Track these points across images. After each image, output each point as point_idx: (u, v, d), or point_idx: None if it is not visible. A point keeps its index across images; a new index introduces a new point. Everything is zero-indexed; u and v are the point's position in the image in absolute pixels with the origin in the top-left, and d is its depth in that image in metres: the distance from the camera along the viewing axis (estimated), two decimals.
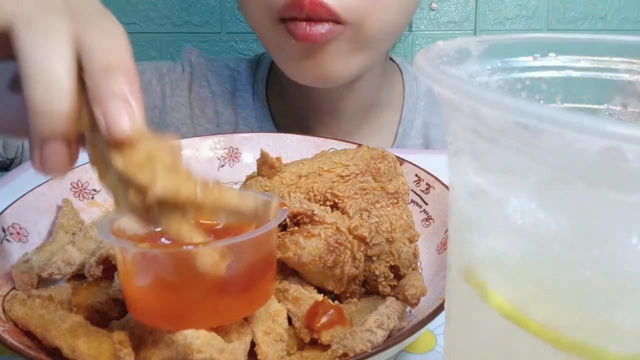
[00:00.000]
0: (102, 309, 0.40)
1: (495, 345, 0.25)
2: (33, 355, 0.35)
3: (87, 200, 0.55)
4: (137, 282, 0.34)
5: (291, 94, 0.85)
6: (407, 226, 0.46)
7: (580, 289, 0.21)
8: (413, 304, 0.41)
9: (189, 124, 0.88)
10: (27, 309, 0.39)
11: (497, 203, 0.22)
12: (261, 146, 0.62)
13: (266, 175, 0.50)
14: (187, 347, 0.34)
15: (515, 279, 0.23)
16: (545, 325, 0.21)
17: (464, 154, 0.24)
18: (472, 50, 0.26)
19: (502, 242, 0.23)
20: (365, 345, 0.35)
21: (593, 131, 0.16)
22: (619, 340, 0.20)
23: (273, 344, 0.38)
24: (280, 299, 0.41)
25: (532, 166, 0.20)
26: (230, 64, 0.91)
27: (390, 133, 0.89)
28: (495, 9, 1.44)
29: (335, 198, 0.48)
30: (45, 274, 0.44)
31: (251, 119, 0.87)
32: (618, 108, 0.29)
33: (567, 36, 0.28)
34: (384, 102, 0.87)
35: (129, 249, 0.34)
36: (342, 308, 0.41)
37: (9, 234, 0.47)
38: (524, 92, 0.28)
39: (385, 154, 0.52)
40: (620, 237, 0.19)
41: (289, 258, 0.41)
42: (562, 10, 1.45)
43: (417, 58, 0.23)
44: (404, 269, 0.45)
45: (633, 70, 0.28)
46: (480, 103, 0.19)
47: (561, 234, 0.20)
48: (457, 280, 0.26)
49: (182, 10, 1.40)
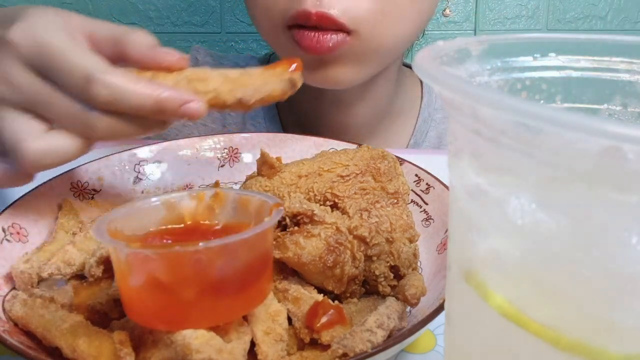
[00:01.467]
0: (103, 310, 0.40)
1: (495, 346, 0.25)
2: (33, 355, 0.35)
3: (87, 200, 0.55)
4: (132, 282, 0.34)
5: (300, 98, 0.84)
6: (407, 226, 0.46)
7: (580, 289, 0.21)
8: (413, 304, 0.41)
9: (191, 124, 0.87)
10: (27, 309, 0.39)
11: (497, 203, 0.22)
12: (261, 146, 0.62)
13: (266, 175, 0.50)
14: (185, 347, 0.34)
15: (515, 279, 0.23)
16: (545, 325, 0.21)
17: (464, 154, 0.24)
18: (472, 50, 0.26)
19: (502, 242, 0.23)
20: (365, 345, 0.35)
21: (593, 131, 0.16)
22: (619, 340, 0.20)
23: (273, 344, 0.38)
24: (280, 299, 0.41)
25: (532, 166, 0.20)
26: (240, 62, 0.90)
27: (402, 144, 0.87)
28: (495, 9, 1.44)
29: (335, 198, 0.48)
30: (45, 274, 0.44)
31: (259, 119, 0.86)
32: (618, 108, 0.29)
33: (567, 36, 0.28)
34: (397, 111, 0.86)
35: (122, 249, 0.34)
36: (342, 308, 0.41)
37: (9, 234, 0.47)
38: (524, 92, 0.28)
39: (385, 154, 0.52)
40: (620, 237, 0.19)
41: (289, 258, 0.41)
42: (562, 10, 1.45)
43: (417, 58, 0.23)
44: (404, 269, 0.45)
45: (633, 70, 0.28)
46: (480, 103, 0.19)
47: (561, 234, 0.20)
48: (457, 280, 0.26)
49: (182, 10, 1.40)
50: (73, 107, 0.40)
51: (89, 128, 0.40)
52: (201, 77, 0.43)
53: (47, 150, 0.40)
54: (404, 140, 0.88)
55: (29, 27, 0.40)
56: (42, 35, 0.40)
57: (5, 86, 0.40)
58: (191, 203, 0.41)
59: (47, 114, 0.41)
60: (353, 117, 0.82)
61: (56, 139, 0.41)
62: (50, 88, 0.40)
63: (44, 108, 0.40)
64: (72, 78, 0.39)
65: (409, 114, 0.88)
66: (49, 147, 0.40)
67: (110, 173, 0.57)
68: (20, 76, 0.40)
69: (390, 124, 0.86)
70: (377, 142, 0.84)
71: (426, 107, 0.88)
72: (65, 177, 0.54)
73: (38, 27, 0.40)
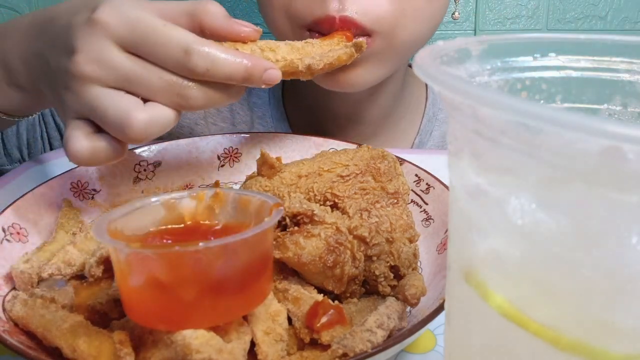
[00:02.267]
0: (103, 310, 0.40)
1: (495, 345, 0.25)
2: (33, 355, 0.35)
3: (87, 200, 0.55)
4: (132, 282, 0.34)
5: (308, 97, 0.83)
6: (407, 226, 0.46)
7: (580, 289, 0.21)
8: (413, 304, 0.41)
9: (202, 124, 0.87)
10: (27, 309, 0.39)
11: (497, 203, 0.22)
12: (261, 146, 0.62)
13: (266, 175, 0.50)
14: (185, 347, 0.34)
15: (515, 279, 0.23)
16: (545, 325, 0.21)
17: (464, 154, 0.24)
18: (472, 50, 0.26)
19: (502, 242, 0.23)
20: (365, 345, 0.35)
21: (593, 131, 0.16)
22: (619, 340, 0.20)
23: (273, 344, 0.38)
24: (280, 299, 0.41)
25: (532, 166, 0.20)
26: None
27: (407, 142, 0.88)
28: (495, 9, 1.44)
29: (335, 198, 0.48)
30: (45, 274, 0.44)
31: (267, 118, 0.86)
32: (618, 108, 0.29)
33: (567, 36, 0.28)
34: (402, 110, 0.86)
35: (122, 249, 0.34)
36: (342, 308, 0.40)
37: (9, 234, 0.47)
38: (524, 92, 0.28)
39: (385, 154, 0.52)
40: (620, 237, 0.19)
41: (289, 258, 0.41)
42: (562, 10, 1.45)
43: (417, 58, 0.23)
44: (404, 269, 0.45)
45: (633, 70, 0.28)
46: (480, 103, 0.19)
47: (561, 234, 0.20)
48: (457, 280, 0.26)
49: None
50: (168, 79, 0.42)
51: (183, 99, 0.43)
52: (272, 47, 0.47)
53: (152, 119, 0.42)
54: (409, 139, 0.88)
55: (116, 7, 0.42)
56: (133, 13, 0.42)
57: (98, 66, 0.42)
58: (191, 203, 0.41)
59: (140, 89, 0.42)
60: (361, 117, 0.82)
61: (156, 109, 0.43)
62: (143, 64, 0.42)
63: (138, 83, 0.42)
64: (170, 51, 0.41)
65: (414, 113, 0.88)
66: (153, 117, 0.42)
67: (110, 173, 0.57)
68: (115, 55, 0.42)
69: (396, 123, 0.86)
70: (383, 141, 0.85)
71: (431, 107, 0.88)
72: (65, 177, 0.54)
73: (126, 6, 0.42)
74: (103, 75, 0.42)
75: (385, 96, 0.81)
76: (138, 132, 0.41)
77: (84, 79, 0.42)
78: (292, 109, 0.87)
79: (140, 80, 0.42)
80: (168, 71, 0.42)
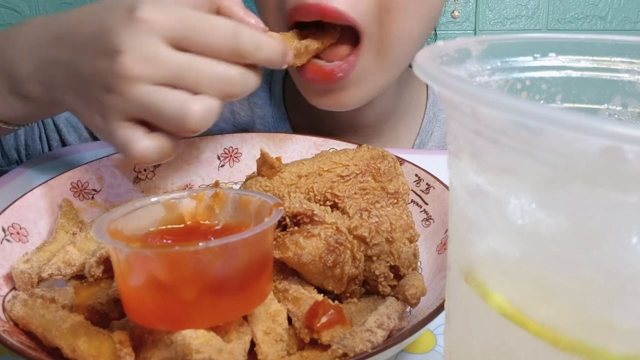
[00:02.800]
0: (103, 310, 0.40)
1: (495, 346, 0.25)
2: (33, 355, 0.35)
3: (87, 200, 0.55)
4: (131, 282, 0.34)
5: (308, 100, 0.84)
6: (407, 226, 0.46)
7: (580, 289, 0.21)
8: (413, 304, 0.41)
9: None
10: (28, 309, 0.39)
11: (497, 203, 0.22)
12: (261, 146, 0.62)
13: (266, 175, 0.50)
14: (185, 347, 0.34)
15: (515, 279, 0.23)
16: (545, 325, 0.21)
17: (464, 154, 0.24)
18: (472, 50, 0.26)
19: (502, 242, 0.23)
20: (365, 345, 0.35)
21: (593, 131, 0.16)
22: (619, 340, 0.20)
23: (273, 344, 0.38)
24: (280, 299, 0.41)
25: (532, 166, 0.20)
26: None
27: (408, 143, 0.88)
28: (495, 9, 1.44)
29: (335, 198, 0.48)
30: (45, 274, 0.44)
31: (268, 118, 0.86)
32: (618, 108, 0.29)
33: (567, 36, 0.28)
34: (403, 111, 0.86)
35: (122, 249, 0.34)
36: (342, 308, 0.40)
37: (9, 234, 0.47)
38: (524, 92, 0.28)
39: (385, 154, 0.52)
40: (620, 237, 0.19)
41: (289, 258, 0.41)
42: (562, 10, 1.45)
43: (417, 58, 0.23)
44: (404, 269, 0.45)
45: (633, 70, 0.28)
46: (480, 103, 0.19)
47: (561, 234, 0.20)
48: (457, 280, 0.26)
49: None
50: (217, 67, 0.43)
51: (230, 85, 0.44)
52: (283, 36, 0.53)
53: (206, 109, 0.43)
54: (410, 139, 0.88)
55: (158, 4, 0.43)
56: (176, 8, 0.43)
57: (147, 64, 0.42)
58: (191, 203, 0.41)
59: (189, 82, 0.43)
60: (361, 117, 0.82)
61: (207, 100, 0.43)
62: (192, 57, 0.43)
63: (189, 77, 0.43)
64: (222, 37, 0.43)
65: (415, 113, 0.88)
66: (206, 107, 0.43)
67: (110, 173, 0.57)
68: (164, 51, 0.42)
69: (397, 124, 0.86)
70: (384, 141, 0.85)
71: (432, 107, 0.88)
72: (65, 177, 0.54)
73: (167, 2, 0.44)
74: (153, 73, 0.42)
75: (385, 97, 0.81)
76: (196, 123, 0.42)
77: (133, 79, 0.42)
78: (293, 109, 0.87)
79: (190, 73, 0.43)
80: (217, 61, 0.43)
